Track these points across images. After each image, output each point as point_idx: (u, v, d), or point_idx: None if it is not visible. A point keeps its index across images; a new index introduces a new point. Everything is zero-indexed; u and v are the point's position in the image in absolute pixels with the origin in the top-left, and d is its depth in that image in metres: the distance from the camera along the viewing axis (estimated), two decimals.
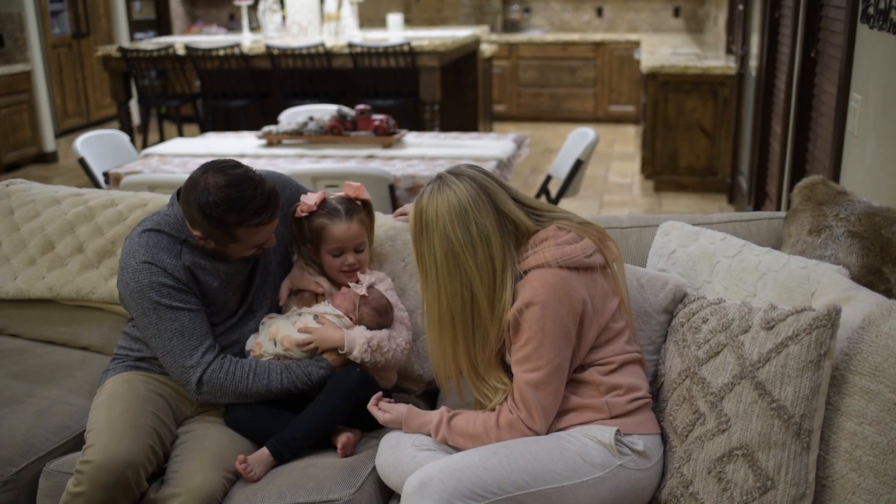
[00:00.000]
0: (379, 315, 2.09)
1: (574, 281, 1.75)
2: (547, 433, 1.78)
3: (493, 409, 1.81)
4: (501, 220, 1.79)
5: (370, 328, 2.07)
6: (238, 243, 2.02)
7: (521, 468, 1.68)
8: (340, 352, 2.04)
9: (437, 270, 1.79)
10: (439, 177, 1.83)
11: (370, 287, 2.11)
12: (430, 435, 1.85)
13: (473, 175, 1.82)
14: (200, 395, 2.02)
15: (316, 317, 2.09)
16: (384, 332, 2.07)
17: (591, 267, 1.80)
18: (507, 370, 1.83)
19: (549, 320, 1.72)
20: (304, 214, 2.16)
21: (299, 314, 2.12)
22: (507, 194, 1.83)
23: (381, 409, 1.93)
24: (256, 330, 2.15)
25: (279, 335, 2.08)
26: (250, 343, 2.12)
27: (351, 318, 2.08)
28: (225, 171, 1.98)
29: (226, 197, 1.94)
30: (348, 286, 2.12)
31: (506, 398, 1.80)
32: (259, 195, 1.97)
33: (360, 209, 2.19)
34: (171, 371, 2.03)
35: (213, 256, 2.08)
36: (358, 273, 2.13)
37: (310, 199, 2.16)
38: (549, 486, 1.68)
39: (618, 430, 1.74)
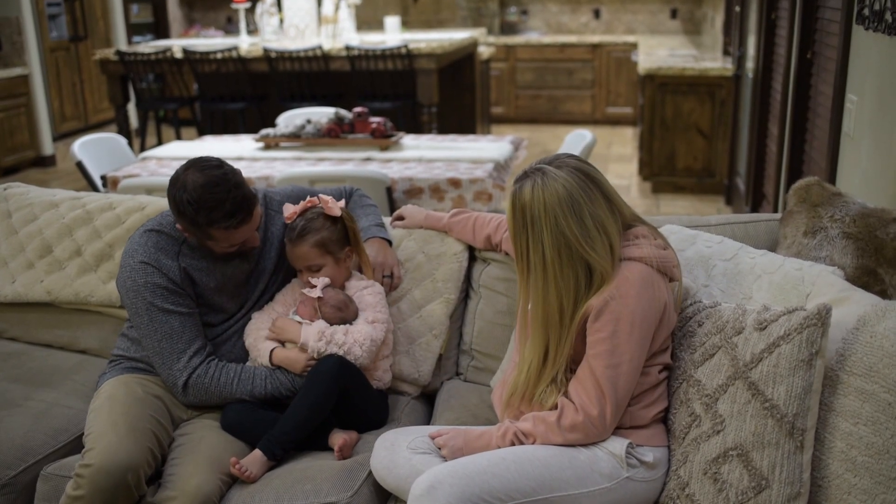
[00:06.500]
0: (339, 311, 2.11)
1: (662, 284, 1.76)
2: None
3: (551, 405, 1.77)
4: (611, 207, 1.75)
5: (333, 324, 2.09)
6: (214, 241, 2.03)
7: (528, 475, 1.68)
8: (299, 344, 2.05)
9: (546, 267, 1.72)
10: (538, 169, 1.73)
11: (324, 288, 2.11)
12: (498, 447, 1.78)
13: (575, 164, 1.74)
14: (186, 398, 2.05)
15: None
16: (342, 326, 2.08)
17: (674, 279, 1.82)
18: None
19: (638, 314, 1.71)
20: (288, 222, 2.16)
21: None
22: (607, 180, 1.78)
23: (440, 444, 1.86)
24: None
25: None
26: None
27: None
28: (204, 170, 1.98)
29: (198, 197, 1.95)
30: (306, 294, 2.13)
31: (560, 393, 1.77)
32: (230, 199, 1.96)
33: (319, 229, 2.11)
34: (159, 371, 2.06)
35: (211, 256, 2.09)
36: (310, 279, 2.12)
37: (287, 210, 2.15)
38: (555, 493, 1.68)
39: (630, 444, 1.74)
